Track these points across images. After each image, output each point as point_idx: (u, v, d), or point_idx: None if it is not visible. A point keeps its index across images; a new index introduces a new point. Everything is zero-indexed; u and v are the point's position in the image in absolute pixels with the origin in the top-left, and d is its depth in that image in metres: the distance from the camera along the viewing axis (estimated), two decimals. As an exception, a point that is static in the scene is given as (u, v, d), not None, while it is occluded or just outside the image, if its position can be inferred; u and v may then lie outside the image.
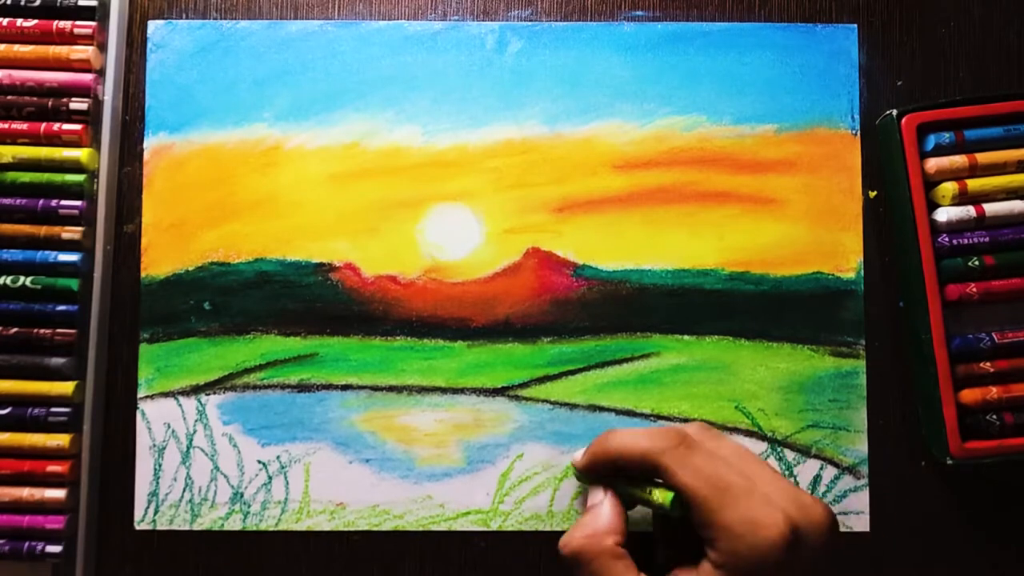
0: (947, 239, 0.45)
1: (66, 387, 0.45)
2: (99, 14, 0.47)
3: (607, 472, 0.41)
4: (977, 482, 0.47)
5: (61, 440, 0.45)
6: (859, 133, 0.48)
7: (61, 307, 0.46)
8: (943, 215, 0.45)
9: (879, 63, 0.49)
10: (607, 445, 0.39)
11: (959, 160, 0.45)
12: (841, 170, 0.48)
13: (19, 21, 0.46)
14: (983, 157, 0.45)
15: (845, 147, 0.48)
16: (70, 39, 0.47)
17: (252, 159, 0.48)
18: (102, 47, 0.47)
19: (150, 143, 0.48)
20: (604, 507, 0.39)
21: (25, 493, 0.45)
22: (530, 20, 0.49)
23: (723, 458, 0.37)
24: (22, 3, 0.47)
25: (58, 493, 0.45)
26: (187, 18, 0.49)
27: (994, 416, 0.45)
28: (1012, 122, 0.46)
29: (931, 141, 0.46)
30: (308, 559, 0.47)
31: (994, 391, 0.45)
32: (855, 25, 0.48)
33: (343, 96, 0.48)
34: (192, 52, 0.48)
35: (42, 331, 0.46)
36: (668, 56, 0.48)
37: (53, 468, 0.45)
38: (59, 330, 0.46)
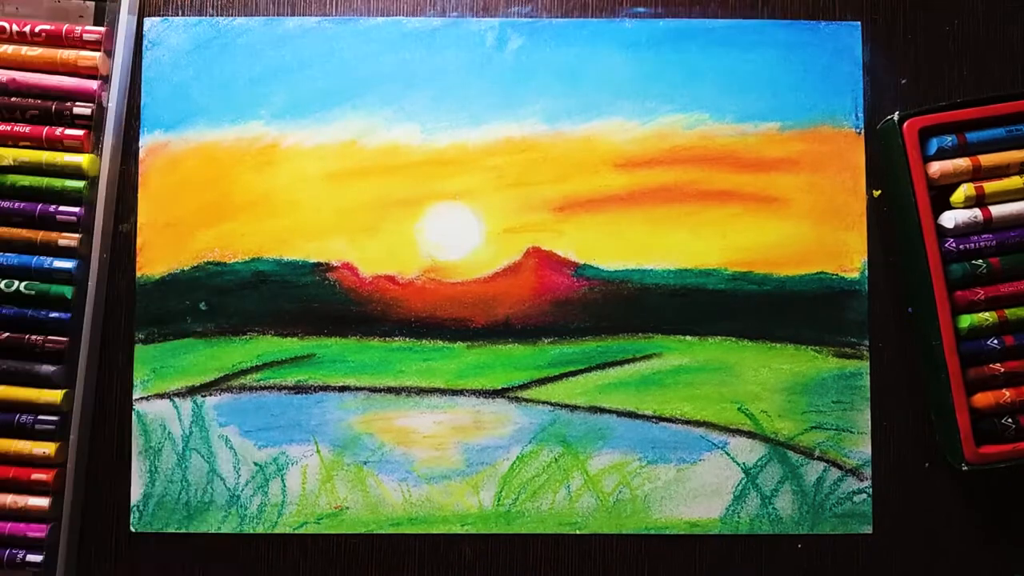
0: (954, 244, 0.45)
1: (55, 395, 0.45)
2: (108, 19, 0.46)
3: None
4: (982, 483, 0.47)
5: (47, 448, 0.44)
6: (863, 131, 0.48)
7: (54, 314, 0.45)
8: (950, 220, 0.45)
9: (883, 61, 0.48)
10: None
11: (962, 163, 0.45)
12: (845, 169, 0.47)
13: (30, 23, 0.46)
14: (986, 159, 0.45)
15: (849, 145, 0.48)
16: (79, 43, 0.46)
17: (248, 157, 0.47)
18: (109, 53, 0.46)
19: (145, 141, 0.47)
20: None
21: (8, 500, 0.44)
22: (530, 16, 0.48)
23: None
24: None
25: (42, 502, 0.44)
26: (183, 15, 0.48)
27: (1008, 419, 0.44)
28: (1014, 123, 0.45)
29: (933, 145, 0.45)
30: (306, 562, 0.47)
31: (1007, 394, 0.44)
32: (859, 23, 0.48)
33: (341, 93, 0.48)
34: (188, 49, 0.48)
35: (34, 337, 0.45)
36: (670, 53, 0.48)
37: (38, 476, 0.44)
38: (50, 337, 0.45)
